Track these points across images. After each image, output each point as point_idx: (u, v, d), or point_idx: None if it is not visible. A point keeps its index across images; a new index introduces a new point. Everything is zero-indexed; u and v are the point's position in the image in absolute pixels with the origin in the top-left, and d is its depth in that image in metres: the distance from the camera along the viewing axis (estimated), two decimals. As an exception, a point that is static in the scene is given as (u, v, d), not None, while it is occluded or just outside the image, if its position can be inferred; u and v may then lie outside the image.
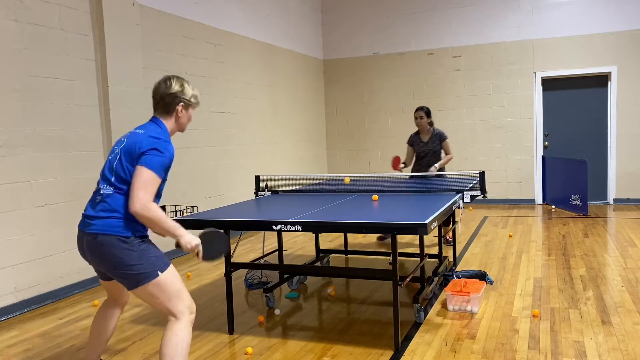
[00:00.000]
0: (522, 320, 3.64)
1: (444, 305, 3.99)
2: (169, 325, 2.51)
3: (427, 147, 6.09)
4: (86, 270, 4.90)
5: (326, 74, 10.28)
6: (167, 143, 2.53)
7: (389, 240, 6.31)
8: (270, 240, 6.68)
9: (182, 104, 2.66)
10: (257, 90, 7.87)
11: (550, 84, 9.08)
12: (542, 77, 8.99)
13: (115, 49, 5.13)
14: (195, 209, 5.63)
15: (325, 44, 10.22)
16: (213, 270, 5.39)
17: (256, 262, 4.48)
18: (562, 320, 3.60)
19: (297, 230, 3.10)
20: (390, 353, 3.19)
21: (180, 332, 2.48)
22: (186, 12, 6.35)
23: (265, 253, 5.41)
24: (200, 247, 2.54)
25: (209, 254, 2.58)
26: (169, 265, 2.54)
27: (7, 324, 4.03)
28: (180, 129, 2.73)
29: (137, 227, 2.50)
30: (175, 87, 2.64)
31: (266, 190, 4.79)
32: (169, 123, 2.67)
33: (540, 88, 9.02)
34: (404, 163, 6.19)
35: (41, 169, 4.50)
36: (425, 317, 3.75)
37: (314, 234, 6.42)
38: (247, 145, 7.57)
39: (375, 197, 4.07)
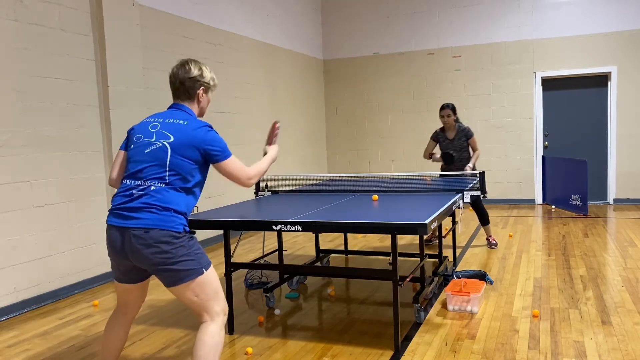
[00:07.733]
0: (522, 320, 3.64)
1: (444, 305, 3.99)
2: (203, 327, 2.46)
3: (452, 144, 5.87)
4: (86, 271, 4.90)
5: (326, 74, 10.27)
6: (212, 128, 2.57)
7: (436, 241, 6.19)
8: (270, 240, 6.68)
9: (202, 87, 2.65)
10: (257, 90, 7.87)
11: (550, 84, 9.08)
12: (542, 77, 8.99)
13: (115, 49, 5.13)
14: (195, 209, 5.63)
15: (325, 44, 10.22)
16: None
17: (256, 262, 4.48)
18: (562, 320, 3.60)
19: (297, 230, 3.10)
20: (390, 353, 3.19)
21: (217, 335, 2.45)
22: (186, 12, 6.35)
23: (265, 253, 5.41)
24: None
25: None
26: (211, 264, 2.52)
27: (7, 324, 4.03)
28: (202, 113, 2.72)
29: (186, 222, 2.48)
30: (195, 71, 2.61)
31: (266, 190, 4.79)
32: (193, 108, 2.66)
33: (540, 88, 9.02)
34: (432, 154, 6.03)
35: (41, 169, 4.50)
36: (425, 317, 3.75)
37: (314, 234, 6.42)
38: (247, 145, 7.57)
39: (375, 197, 4.07)
